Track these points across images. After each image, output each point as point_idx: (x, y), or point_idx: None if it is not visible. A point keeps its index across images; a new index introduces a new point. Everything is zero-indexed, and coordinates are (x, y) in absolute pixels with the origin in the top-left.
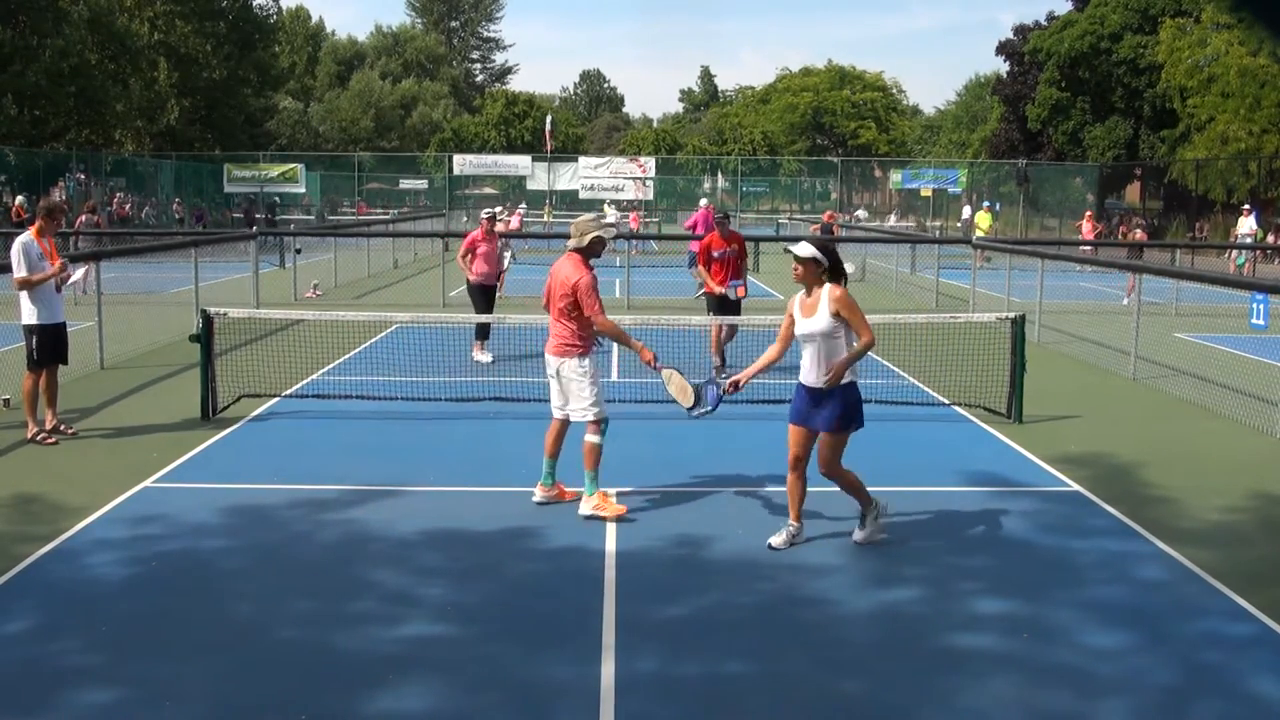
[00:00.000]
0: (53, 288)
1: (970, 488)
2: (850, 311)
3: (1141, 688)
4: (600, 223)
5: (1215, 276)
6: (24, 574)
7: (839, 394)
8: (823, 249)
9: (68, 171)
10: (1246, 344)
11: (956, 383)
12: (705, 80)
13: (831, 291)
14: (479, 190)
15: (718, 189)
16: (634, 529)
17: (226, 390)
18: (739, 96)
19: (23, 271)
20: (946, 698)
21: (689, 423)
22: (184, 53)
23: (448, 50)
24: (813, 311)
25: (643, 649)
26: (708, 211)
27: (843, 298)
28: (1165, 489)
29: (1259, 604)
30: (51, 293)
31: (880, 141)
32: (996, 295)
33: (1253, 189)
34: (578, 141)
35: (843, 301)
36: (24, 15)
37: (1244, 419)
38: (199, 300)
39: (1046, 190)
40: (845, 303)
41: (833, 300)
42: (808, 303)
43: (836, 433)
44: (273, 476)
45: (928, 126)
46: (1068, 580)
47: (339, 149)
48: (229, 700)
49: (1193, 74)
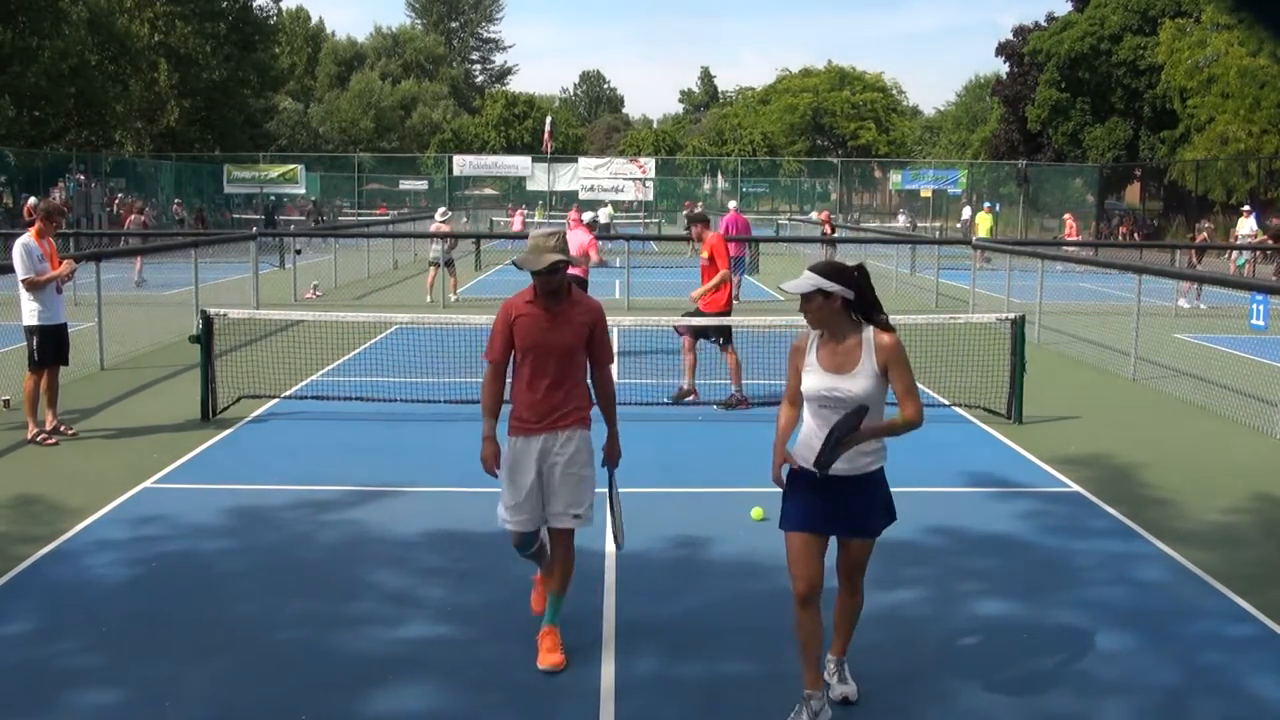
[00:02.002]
0: (54, 289)
1: (970, 488)
2: (903, 370)
3: (1141, 688)
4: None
5: (1215, 277)
6: (24, 574)
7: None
8: (838, 273)
9: (67, 172)
10: (1246, 344)
11: (956, 383)
12: (705, 81)
13: (879, 338)
14: (479, 191)
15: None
16: (634, 529)
17: (226, 391)
18: (739, 97)
19: (26, 273)
20: (946, 698)
21: (689, 423)
22: (184, 53)
23: (447, 51)
24: (849, 365)
25: (643, 649)
26: (736, 215)
27: (895, 347)
28: (1165, 489)
29: (1259, 605)
30: (53, 294)
31: (880, 142)
32: (996, 296)
33: (1252, 190)
34: (577, 142)
35: (894, 354)
36: (24, 16)
37: (1244, 419)
38: (199, 301)
39: (1046, 191)
40: (898, 357)
41: (881, 350)
42: (839, 351)
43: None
44: (273, 477)
45: (928, 127)
46: (1068, 581)
47: (339, 150)
48: (229, 701)
49: (1193, 74)
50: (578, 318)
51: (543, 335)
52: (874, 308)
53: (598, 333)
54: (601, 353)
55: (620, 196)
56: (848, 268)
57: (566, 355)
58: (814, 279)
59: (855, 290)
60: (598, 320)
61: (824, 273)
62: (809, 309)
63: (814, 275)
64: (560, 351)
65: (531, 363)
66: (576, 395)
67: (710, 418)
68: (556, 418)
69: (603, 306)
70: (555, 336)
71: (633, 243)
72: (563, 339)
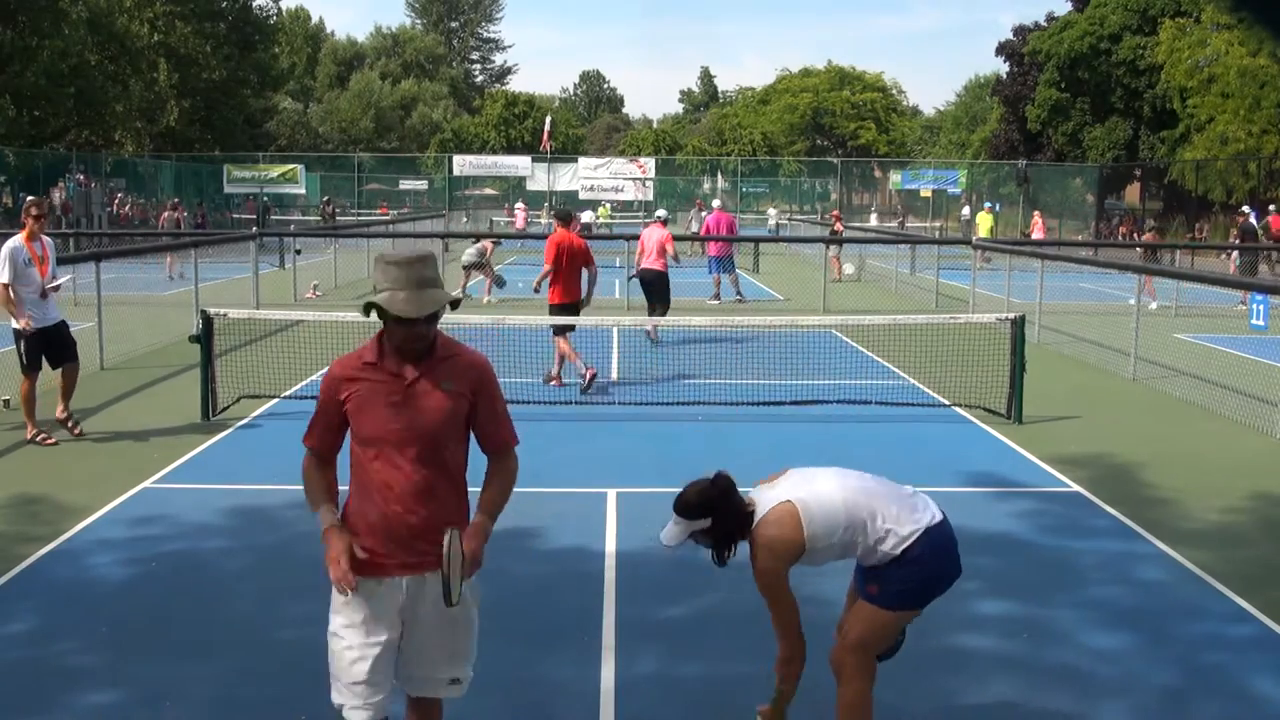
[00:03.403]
0: (38, 293)
1: (970, 488)
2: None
3: (1141, 688)
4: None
5: (1215, 277)
6: (24, 574)
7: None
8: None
9: (67, 172)
10: (1246, 344)
11: (956, 383)
12: (705, 81)
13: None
14: (479, 191)
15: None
16: (634, 529)
17: (226, 391)
18: (739, 97)
19: (5, 276)
20: (946, 698)
21: (689, 423)
22: (184, 53)
23: (447, 51)
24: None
25: (643, 650)
26: (720, 214)
27: (757, 576)
28: (1165, 489)
29: (1259, 605)
30: (36, 298)
31: (880, 142)
32: (996, 296)
33: (1252, 189)
34: (577, 142)
35: (758, 581)
36: (23, 15)
37: (1244, 419)
38: (199, 301)
39: (1046, 191)
40: (759, 583)
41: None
42: None
43: (881, 605)
44: (273, 477)
45: (927, 127)
46: (1068, 581)
47: (339, 149)
48: (229, 700)
49: (1192, 74)
50: (453, 383)
51: (394, 416)
52: (728, 537)
53: (483, 401)
54: (497, 430)
55: (620, 196)
56: (697, 497)
57: (434, 445)
58: (680, 525)
59: (711, 515)
60: (483, 380)
61: (681, 512)
62: (703, 545)
63: (677, 519)
64: (425, 439)
65: (378, 460)
66: (451, 506)
67: (710, 417)
68: (423, 549)
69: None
70: (416, 416)
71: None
72: (428, 419)
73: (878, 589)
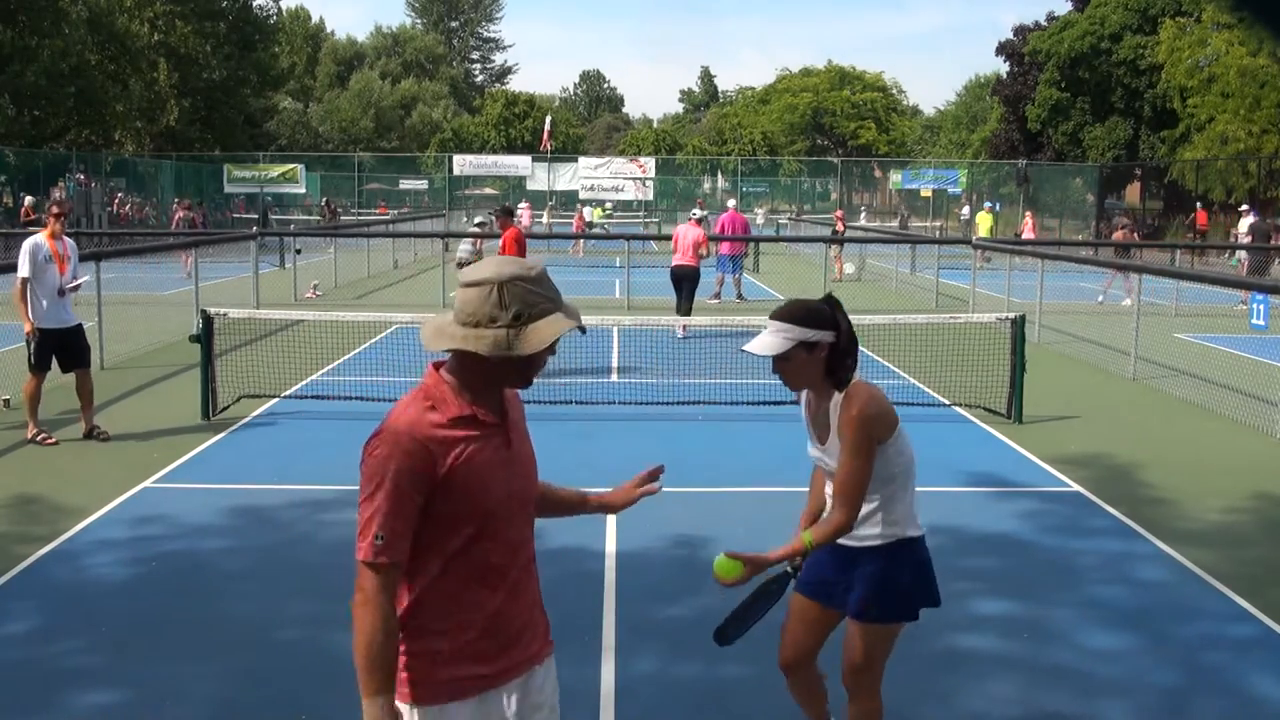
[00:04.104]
0: (55, 291)
1: (970, 488)
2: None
3: (1141, 688)
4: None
5: (1215, 277)
6: (24, 574)
7: (890, 555)
8: (812, 315)
9: (67, 172)
10: (1246, 344)
11: (956, 383)
12: (705, 80)
13: (846, 407)
14: (479, 190)
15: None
16: (634, 529)
17: (226, 391)
18: (739, 97)
19: (25, 272)
20: (946, 698)
21: (689, 423)
22: (184, 53)
23: (447, 50)
24: (824, 435)
25: (643, 650)
26: (734, 214)
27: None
28: (1165, 489)
29: (1259, 605)
30: (53, 296)
31: (880, 142)
32: (996, 295)
33: (1252, 189)
34: (578, 142)
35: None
36: (23, 15)
37: (1244, 419)
38: (199, 300)
39: (1046, 191)
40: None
41: (842, 424)
42: (817, 415)
43: (869, 621)
44: (273, 477)
45: (928, 127)
46: (1068, 581)
47: (339, 149)
48: (229, 701)
49: (1193, 74)
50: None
51: (509, 478)
52: (847, 355)
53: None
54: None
55: (620, 196)
56: (818, 305)
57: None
58: (789, 331)
59: (836, 330)
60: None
61: (798, 319)
62: (787, 370)
63: (786, 326)
64: (531, 497)
65: (486, 541)
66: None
67: (710, 417)
68: (531, 639)
69: None
70: (520, 468)
71: (632, 242)
72: (530, 470)
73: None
